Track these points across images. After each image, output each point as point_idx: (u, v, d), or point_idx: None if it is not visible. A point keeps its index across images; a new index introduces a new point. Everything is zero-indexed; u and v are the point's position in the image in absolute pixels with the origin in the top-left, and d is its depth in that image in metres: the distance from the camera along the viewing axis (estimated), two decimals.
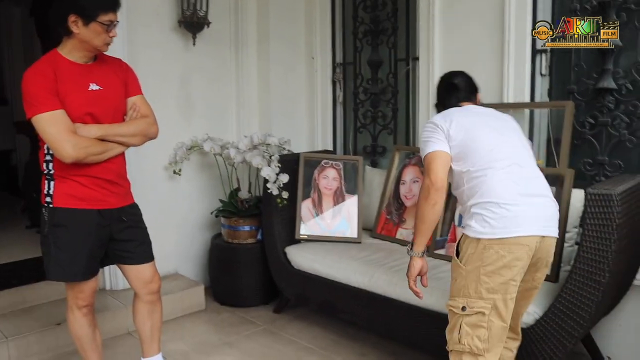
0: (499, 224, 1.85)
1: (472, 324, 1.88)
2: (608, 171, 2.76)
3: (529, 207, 1.89)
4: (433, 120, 2.09)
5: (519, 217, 1.86)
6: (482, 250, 1.86)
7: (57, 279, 2.31)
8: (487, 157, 1.95)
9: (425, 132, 2.08)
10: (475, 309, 1.87)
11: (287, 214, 3.39)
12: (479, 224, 1.88)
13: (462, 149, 1.99)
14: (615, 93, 2.71)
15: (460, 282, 1.92)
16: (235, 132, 4.05)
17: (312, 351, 3.01)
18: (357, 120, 3.93)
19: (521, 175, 1.94)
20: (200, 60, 3.82)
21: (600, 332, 2.79)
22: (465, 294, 1.89)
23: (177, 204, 3.79)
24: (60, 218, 2.23)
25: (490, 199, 1.88)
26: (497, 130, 2.06)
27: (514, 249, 1.85)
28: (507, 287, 1.86)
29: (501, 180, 1.91)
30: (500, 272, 1.85)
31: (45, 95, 2.10)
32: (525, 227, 1.86)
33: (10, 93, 6.76)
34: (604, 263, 2.05)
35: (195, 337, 3.21)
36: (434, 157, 2.00)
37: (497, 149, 1.98)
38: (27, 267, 3.65)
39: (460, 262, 1.92)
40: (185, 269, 3.89)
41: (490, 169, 1.93)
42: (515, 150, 2.02)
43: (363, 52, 3.86)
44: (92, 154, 2.17)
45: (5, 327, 2.98)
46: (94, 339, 2.45)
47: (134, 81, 2.42)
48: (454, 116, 2.07)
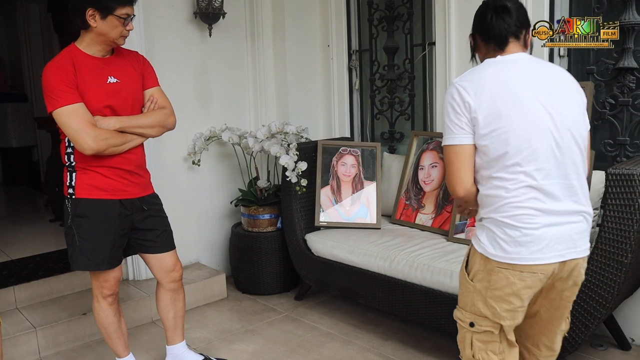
0: (512, 248, 1.60)
1: (483, 340, 1.72)
2: (629, 151, 2.73)
3: (551, 229, 1.59)
4: (459, 90, 1.64)
5: (536, 242, 1.58)
6: (490, 272, 1.65)
7: (82, 268, 2.35)
8: (514, 160, 1.58)
9: (448, 106, 1.66)
10: (484, 328, 1.71)
11: (306, 201, 3.41)
12: (489, 242, 1.64)
13: (487, 142, 1.61)
14: (637, 72, 2.67)
15: (467, 297, 1.74)
16: (253, 121, 4.07)
17: (334, 337, 3.04)
18: (374, 106, 3.93)
19: (552, 189, 1.59)
20: (216, 51, 3.84)
21: (623, 314, 2.77)
22: (472, 310, 1.72)
23: (197, 194, 3.83)
24: (83, 209, 2.28)
25: (505, 219, 1.60)
26: (554, 112, 1.61)
27: (526, 277, 1.61)
28: (514, 314, 1.67)
29: (523, 198, 1.59)
30: (509, 300, 1.64)
31: (65, 89, 2.14)
32: (543, 253, 1.59)
33: (30, 89, 6.86)
34: (626, 243, 2.04)
35: (218, 325, 3.26)
36: (452, 154, 1.67)
37: (531, 149, 1.58)
38: (52, 259, 3.72)
39: (468, 276, 1.73)
40: (207, 259, 3.94)
41: (513, 181, 1.59)
42: (556, 148, 1.60)
43: (379, 39, 3.84)
44: (112, 145, 2.22)
45: (33, 318, 3.04)
46: (120, 327, 2.50)
47: (151, 73, 2.45)
48: (487, 89, 1.61)
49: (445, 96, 1.68)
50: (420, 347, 2.86)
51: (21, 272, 3.45)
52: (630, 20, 2.62)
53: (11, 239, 4.34)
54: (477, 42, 1.78)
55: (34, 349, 2.90)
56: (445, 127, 1.67)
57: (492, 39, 1.70)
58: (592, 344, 2.77)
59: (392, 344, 2.90)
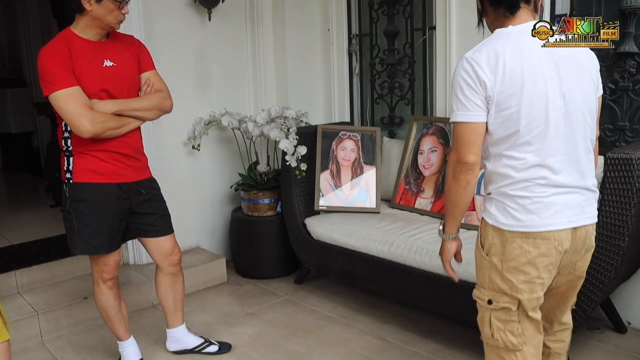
0: (523, 216, 1.59)
1: (502, 319, 1.67)
2: (629, 137, 2.73)
3: (559, 196, 1.59)
4: (474, 66, 1.56)
5: (547, 209, 1.58)
6: (504, 243, 1.62)
7: (82, 252, 2.37)
8: (525, 138, 1.56)
9: (461, 80, 1.58)
10: (502, 304, 1.66)
11: (305, 185, 3.42)
12: (500, 212, 1.62)
13: (500, 120, 1.57)
14: (637, 57, 2.66)
15: (484, 273, 1.70)
16: (253, 105, 4.07)
17: (334, 320, 3.06)
18: (374, 91, 3.92)
19: (565, 160, 1.59)
20: (216, 35, 3.83)
21: (619, 298, 2.79)
22: (490, 287, 1.68)
23: (197, 178, 3.84)
24: (81, 193, 2.29)
25: (516, 192, 1.59)
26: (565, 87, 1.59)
27: (540, 244, 1.59)
28: (532, 286, 1.62)
29: (532, 176, 1.58)
30: (524, 270, 1.61)
31: (61, 73, 2.13)
32: (554, 219, 1.59)
33: (29, 75, 6.83)
34: (624, 227, 2.06)
35: (218, 309, 3.28)
36: (465, 131, 1.59)
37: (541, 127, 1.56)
38: (53, 244, 3.73)
39: (482, 251, 1.70)
40: (207, 243, 3.95)
41: (522, 160, 1.58)
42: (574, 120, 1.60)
43: (379, 23, 3.82)
44: (109, 128, 2.21)
45: (35, 302, 3.07)
46: (120, 310, 2.52)
47: (147, 57, 2.44)
48: (501, 66, 1.54)
49: (458, 70, 1.60)
50: (418, 330, 2.89)
51: (22, 257, 3.47)
52: (632, 4, 2.61)
53: (12, 224, 4.35)
54: (485, 7, 1.71)
55: (36, 332, 2.93)
56: (458, 103, 1.59)
57: (501, 3, 1.63)
58: (589, 327, 2.80)
59: (390, 327, 2.93)
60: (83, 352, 2.81)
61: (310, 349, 2.76)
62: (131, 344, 2.59)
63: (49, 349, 2.85)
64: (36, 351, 2.83)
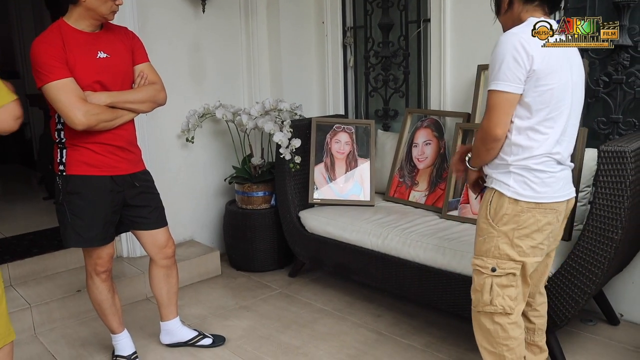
0: (541, 188, 1.78)
1: (503, 284, 1.86)
2: (622, 129, 2.74)
3: (563, 172, 1.84)
4: (523, 44, 1.70)
5: (557, 183, 1.81)
6: (520, 213, 1.80)
7: (75, 245, 2.35)
8: (551, 115, 1.75)
9: (509, 56, 1.70)
10: (507, 270, 1.84)
11: (300, 178, 3.41)
12: (519, 185, 1.79)
13: (535, 96, 1.73)
14: (631, 50, 2.66)
15: (490, 243, 1.85)
16: (247, 98, 4.05)
17: (328, 313, 3.06)
18: (369, 84, 3.91)
19: (568, 140, 1.84)
20: (210, 27, 3.80)
21: (612, 290, 2.81)
22: (495, 255, 1.85)
23: (191, 171, 3.83)
24: (74, 185, 2.27)
25: (537, 165, 1.77)
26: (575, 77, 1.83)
27: (549, 214, 1.82)
28: (536, 250, 1.85)
29: (550, 147, 1.77)
30: (533, 236, 1.82)
31: (54, 64, 2.11)
32: (560, 192, 1.83)
33: (21, 66, 6.79)
34: (617, 220, 2.06)
35: (212, 302, 3.28)
36: (500, 99, 1.73)
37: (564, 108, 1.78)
38: (46, 236, 3.72)
39: (492, 221, 1.84)
40: (201, 236, 3.95)
41: (546, 135, 1.76)
42: (576, 108, 1.85)
43: (374, 15, 3.81)
44: (103, 120, 2.19)
45: (27, 295, 3.05)
46: (114, 303, 2.51)
47: (141, 48, 2.42)
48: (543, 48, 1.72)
49: (505, 44, 1.71)
50: (413, 322, 2.90)
51: (15, 250, 3.46)
52: None
53: (5, 216, 4.33)
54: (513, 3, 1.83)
55: (29, 325, 2.92)
56: (501, 73, 1.71)
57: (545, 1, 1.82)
58: (581, 319, 2.81)
59: (385, 320, 2.93)
60: (76, 345, 2.81)
61: (305, 342, 2.76)
62: (125, 337, 2.58)
63: (42, 342, 2.84)
64: (29, 344, 2.82)
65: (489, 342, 1.93)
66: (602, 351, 2.55)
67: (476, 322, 1.97)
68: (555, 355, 2.34)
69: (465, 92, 3.22)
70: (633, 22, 2.66)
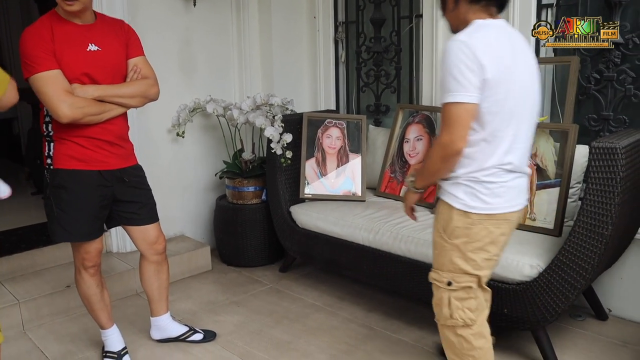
0: (491, 199, 1.72)
1: (461, 297, 1.81)
2: (613, 126, 2.75)
3: (516, 181, 1.76)
4: (475, 49, 1.60)
5: (508, 193, 1.74)
6: (470, 226, 1.74)
7: (61, 240, 2.34)
8: (504, 124, 1.68)
9: (460, 63, 1.60)
10: (462, 284, 1.79)
11: (291, 173, 3.41)
12: (468, 197, 1.73)
13: (487, 105, 1.64)
14: (622, 47, 2.68)
15: (444, 256, 1.81)
16: (238, 93, 4.03)
17: (319, 308, 3.06)
18: (360, 79, 3.91)
19: (520, 148, 1.75)
20: (201, 21, 3.78)
21: (601, 285, 2.83)
22: (450, 269, 1.80)
23: (182, 166, 3.81)
24: (61, 179, 2.24)
25: (487, 177, 1.71)
26: (527, 82, 1.74)
27: (502, 225, 1.76)
28: (490, 263, 1.80)
29: (502, 155, 1.70)
30: (487, 249, 1.76)
31: (41, 55, 2.08)
32: (513, 202, 1.76)
33: (8, 59, 6.70)
34: (608, 216, 2.07)
35: (203, 297, 3.27)
36: (462, 110, 1.62)
37: (516, 114, 1.70)
38: (35, 231, 3.68)
39: (444, 234, 1.79)
40: (191, 231, 3.93)
41: (498, 138, 1.68)
42: (529, 114, 1.77)
43: (366, 11, 3.80)
44: (88, 114, 2.16)
45: (16, 290, 3.03)
46: (102, 298, 2.48)
47: (135, 42, 2.39)
48: (501, 51, 1.64)
49: (453, 52, 1.62)
50: (403, 318, 2.90)
51: (3, 245, 3.41)
52: None
53: None
54: (459, 2, 1.75)
55: (17, 322, 2.89)
56: (455, 83, 1.61)
57: (492, 2, 1.72)
58: (571, 314, 2.83)
59: (376, 315, 2.94)
60: (66, 341, 2.78)
61: (296, 337, 2.76)
62: (114, 332, 2.56)
63: (31, 338, 2.81)
64: (18, 340, 2.79)
65: (455, 354, 1.88)
66: (591, 346, 2.58)
67: (442, 335, 1.92)
68: (545, 350, 2.36)
69: None
70: (624, 20, 2.67)
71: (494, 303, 2.36)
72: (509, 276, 2.33)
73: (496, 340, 1.98)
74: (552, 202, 2.59)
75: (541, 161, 2.66)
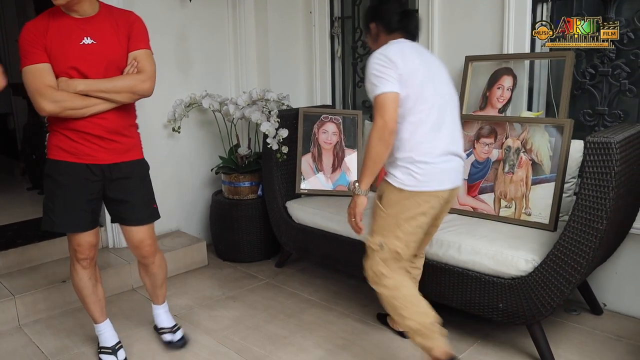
0: (423, 178, 2.05)
1: (386, 258, 2.14)
2: (607, 121, 2.76)
3: (447, 164, 2.10)
4: (388, 54, 2.03)
5: (439, 173, 2.08)
6: (404, 200, 2.08)
7: (46, 227, 2.31)
8: (424, 112, 2.05)
9: (377, 66, 2.02)
10: (391, 247, 2.12)
11: (287, 169, 3.41)
12: (404, 176, 2.06)
13: (409, 98, 2.03)
14: (617, 42, 2.68)
15: (380, 223, 2.15)
16: (234, 88, 4.03)
17: (315, 303, 3.07)
18: (356, 74, 3.90)
19: (446, 133, 2.10)
20: (197, 16, 3.77)
21: (596, 280, 2.84)
22: (383, 234, 2.13)
23: (178, 161, 3.80)
24: (49, 169, 2.28)
25: (417, 157, 2.04)
26: (437, 80, 2.13)
27: (431, 200, 2.09)
28: (418, 230, 2.14)
29: (430, 139, 2.05)
30: (417, 218, 2.10)
31: (30, 50, 2.11)
32: (443, 182, 2.09)
33: (4, 54, 6.68)
34: (603, 210, 2.07)
35: (199, 292, 3.27)
36: (387, 98, 2.00)
37: (434, 103, 2.07)
38: (31, 227, 3.67)
39: (381, 205, 2.13)
40: (187, 226, 3.93)
41: (422, 125, 2.05)
42: (447, 105, 2.14)
43: (362, 6, 3.80)
44: (68, 108, 2.14)
45: (12, 285, 3.02)
46: (95, 292, 2.47)
47: (139, 35, 2.31)
48: (408, 53, 2.06)
49: (372, 60, 2.05)
50: None
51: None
52: None
53: None
54: (379, 33, 2.22)
55: (13, 316, 2.89)
56: (377, 80, 2.01)
57: (407, 35, 2.18)
58: (565, 308, 2.84)
59: (371, 310, 2.94)
60: (62, 336, 2.78)
61: (292, 332, 2.77)
62: (106, 327, 2.54)
63: (27, 333, 2.81)
64: (13, 335, 2.79)
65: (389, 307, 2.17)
66: (586, 340, 2.59)
67: (378, 293, 2.20)
68: (540, 345, 2.37)
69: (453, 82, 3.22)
70: (619, 15, 2.67)
71: (489, 297, 2.38)
72: (504, 271, 2.34)
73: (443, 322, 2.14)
74: (547, 197, 2.60)
75: (536, 156, 2.67)
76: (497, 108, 2.93)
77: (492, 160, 2.82)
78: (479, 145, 2.88)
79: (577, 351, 2.50)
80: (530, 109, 2.98)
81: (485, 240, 2.46)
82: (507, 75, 2.93)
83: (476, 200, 2.84)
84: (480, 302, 2.44)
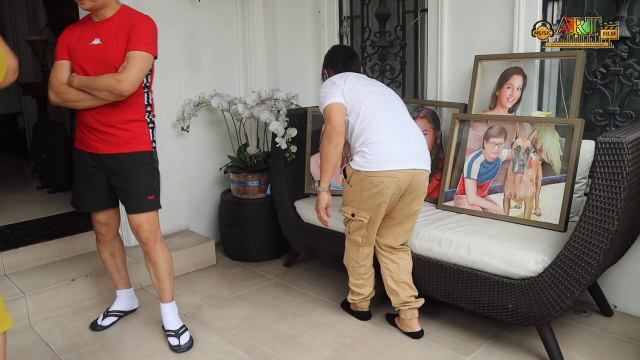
0: (375, 159, 2.42)
1: (357, 226, 2.59)
2: (619, 121, 2.73)
3: (400, 148, 2.44)
4: (331, 79, 2.64)
5: (391, 155, 2.42)
6: (362, 179, 2.45)
7: (71, 203, 2.72)
8: (373, 109, 2.50)
9: (324, 89, 2.60)
10: (359, 218, 2.54)
11: (295, 168, 3.40)
12: (361, 159, 2.46)
13: (354, 104, 2.53)
14: (629, 41, 2.66)
15: (349, 197, 2.55)
16: (243, 87, 4.03)
17: (323, 303, 3.07)
18: (365, 73, 3.87)
19: (397, 124, 2.51)
20: (206, 16, 3.77)
21: (607, 281, 2.82)
22: (352, 206, 2.55)
23: (186, 160, 3.81)
24: (73, 155, 2.68)
25: (371, 141, 2.44)
26: (379, 91, 2.60)
27: (385, 180, 2.41)
28: (379, 207, 2.48)
29: (381, 127, 2.46)
30: (375, 197, 2.45)
31: (58, 47, 2.47)
32: (395, 163, 2.41)
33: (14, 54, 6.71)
34: (614, 211, 2.06)
35: (207, 291, 3.27)
36: (333, 107, 2.53)
37: (380, 103, 2.53)
38: (40, 225, 3.70)
39: (348, 184, 2.53)
40: (196, 226, 3.94)
41: (374, 119, 2.48)
42: (393, 104, 2.58)
43: (370, 5, 3.79)
44: (67, 100, 2.45)
45: (22, 284, 3.04)
46: (114, 264, 2.83)
47: (136, 36, 2.38)
48: (349, 77, 2.62)
49: (323, 86, 2.64)
50: None
51: (9, 239, 3.44)
52: None
53: None
54: (329, 72, 2.82)
55: (23, 314, 2.91)
56: (327, 97, 2.56)
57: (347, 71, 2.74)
58: (576, 310, 2.83)
59: (379, 310, 2.93)
60: (71, 333, 2.80)
61: (300, 331, 2.76)
62: (121, 294, 2.90)
63: (37, 331, 2.83)
64: (24, 333, 2.81)
65: (348, 259, 2.75)
66: (596, 342, 2.57)
67: (346, 245, 2.75)
68: (550, 346, 2.35)
69: (462, 82, 3.21)
70: (632, 14, 2.65)
71: (498, 298, 2.37)
72: (513, 271, 2.33)
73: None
74: (557, 197, 2.58)
75: (546, 156, 2.65)
76: (507, 108, 2.91)
77: (502, 160, 2.81)
78: (489, 145, 2.86)
79: (587, 353, 2.48)
80: (540, 108, 2.96)
81: (495, 240, 2.45)
82: (517, 75, 2.91)
83: (485, 200, 2.83)
84: (489, 302, 2.43)
